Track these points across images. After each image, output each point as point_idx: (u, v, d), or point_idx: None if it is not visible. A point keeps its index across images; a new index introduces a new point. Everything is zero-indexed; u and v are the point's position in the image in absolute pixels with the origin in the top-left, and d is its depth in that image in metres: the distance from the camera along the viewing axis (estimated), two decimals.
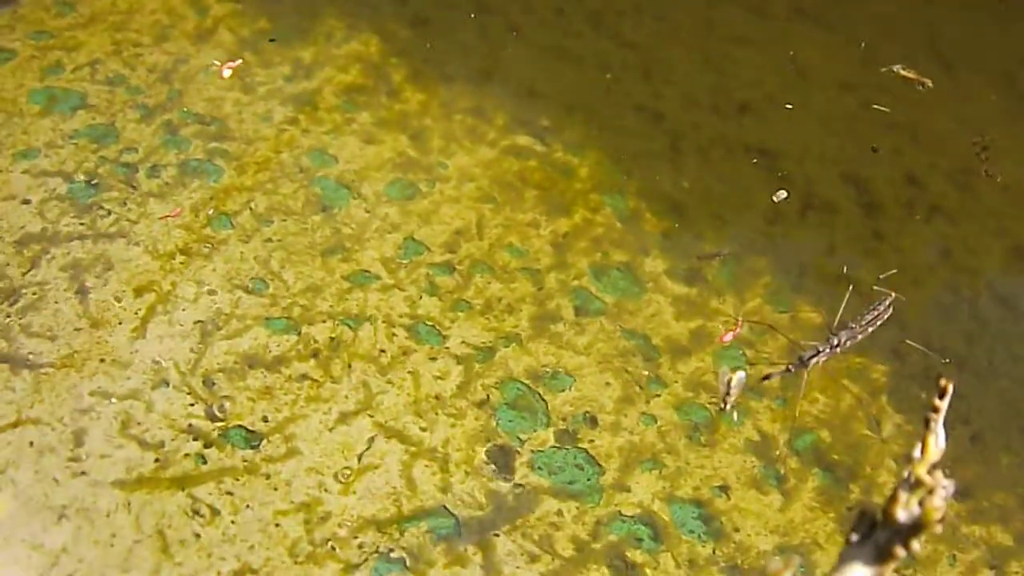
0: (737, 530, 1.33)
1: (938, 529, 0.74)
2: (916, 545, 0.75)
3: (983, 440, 1.57)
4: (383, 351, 1.38)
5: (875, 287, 1.64)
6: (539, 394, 1.38)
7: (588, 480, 1.31)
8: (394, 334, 1.40)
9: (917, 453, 0.80)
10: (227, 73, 1.63)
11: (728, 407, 1.38)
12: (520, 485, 1.29)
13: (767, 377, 1.45)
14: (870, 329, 1.58)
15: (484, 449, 1.31)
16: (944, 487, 0.76)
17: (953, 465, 1.52)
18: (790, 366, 1.48)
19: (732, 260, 1.65)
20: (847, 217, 1.79)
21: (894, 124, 1.94)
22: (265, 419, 1.28)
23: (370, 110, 1.69)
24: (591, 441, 1.35)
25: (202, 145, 1.57)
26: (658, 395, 1.43)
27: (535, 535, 1.24)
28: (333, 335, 1.38)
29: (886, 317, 1.59)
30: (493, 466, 1.29)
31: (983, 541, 1.44)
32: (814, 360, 1.52)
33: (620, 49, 1.95)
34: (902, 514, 0.74)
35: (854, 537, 0.76)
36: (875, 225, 1.80)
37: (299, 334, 1.37)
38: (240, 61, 1.65)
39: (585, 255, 1.58)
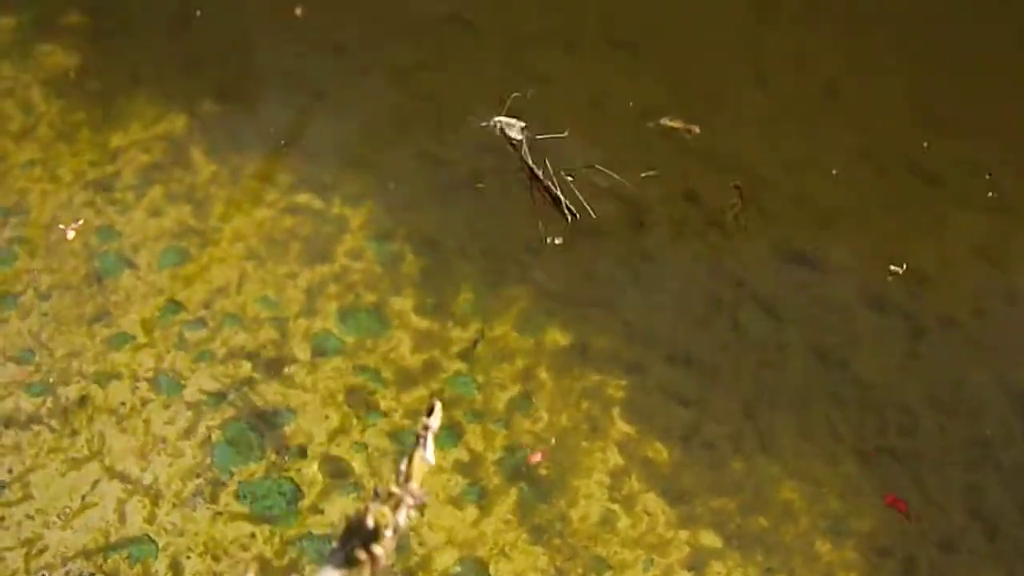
0: (422, 544, 1.48)
1: (390, 534, 0.88)
2: (378, 549, 0.90)
3: (716, 448, 1.67)
4: (123, 403, 1.59)
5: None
6: (258, 431, 1.57)
7: (287, 505, 1.49)
8: (137, 387, 1.61)
9: (403, 467, 0.95)
10: (71, 235, 1.83)
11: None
12: (221, 513, 1.47)
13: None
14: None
15: (194, 483, 1.50)
16: (413, 498, 0.91)
17: (676, 470, 1.63)
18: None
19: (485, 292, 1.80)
20: (617, 231, 1.92)
21: (684, 148, 2.06)
22: (10, 471, 1.50)
23: (163, 184, 1.90)
24: (298, 470, 1.53)
25: (2, 235, 1.81)
26: (374, 424, 1.60)
27: (224, 557, 1.43)
28: (84, 394, 1.59)
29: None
30: (200, 498, 1.49)
31: (687, 544, 1.55)
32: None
33: (414, 103, 2.12)
34: (369, 522, 0.89)
35: (335, 545, 0.91)
36: (643, 246, 1.92)
37: (54, 395, 1.59)
38: (82, 221, 1.84)
39: (337, 299, 1.76)
